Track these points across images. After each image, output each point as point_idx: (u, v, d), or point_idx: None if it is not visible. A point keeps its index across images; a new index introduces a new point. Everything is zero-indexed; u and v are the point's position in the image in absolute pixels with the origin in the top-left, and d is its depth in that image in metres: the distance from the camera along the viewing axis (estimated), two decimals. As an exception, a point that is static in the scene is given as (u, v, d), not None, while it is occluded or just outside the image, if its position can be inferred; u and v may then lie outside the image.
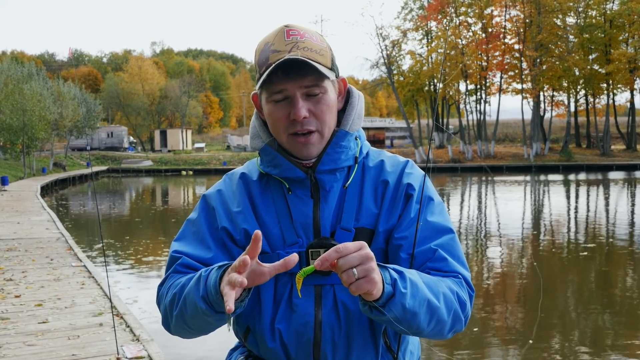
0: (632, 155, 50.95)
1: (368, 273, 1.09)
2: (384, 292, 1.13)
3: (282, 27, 1.34)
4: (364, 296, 1.12)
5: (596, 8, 52.35)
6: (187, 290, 1.29)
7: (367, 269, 1.09)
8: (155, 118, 76.34)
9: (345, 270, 1.08)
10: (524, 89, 52.12)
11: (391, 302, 1.15)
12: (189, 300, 1.27)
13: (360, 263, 1.09)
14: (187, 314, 1.30)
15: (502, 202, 23.71)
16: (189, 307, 1.28)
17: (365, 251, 1.10)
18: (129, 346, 5.02)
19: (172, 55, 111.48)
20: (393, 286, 1.15)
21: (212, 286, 1.20)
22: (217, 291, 1.18)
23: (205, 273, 1.25)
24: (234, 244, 1.39)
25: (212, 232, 1.41)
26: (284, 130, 1.35)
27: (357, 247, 1.10)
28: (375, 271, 1.10)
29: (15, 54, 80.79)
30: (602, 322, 7.63)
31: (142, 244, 14.08)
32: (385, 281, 1.14)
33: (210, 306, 1.22)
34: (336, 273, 1.11)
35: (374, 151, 1.49)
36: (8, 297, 6.91)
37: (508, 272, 10.66)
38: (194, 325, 1.32)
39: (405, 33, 55.90)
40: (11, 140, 36.31)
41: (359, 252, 1.09)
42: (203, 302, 1.23)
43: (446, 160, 49.75)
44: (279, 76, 1.30)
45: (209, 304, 1.22)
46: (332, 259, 1.09)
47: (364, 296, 1.13)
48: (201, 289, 1.23)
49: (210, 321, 1.27)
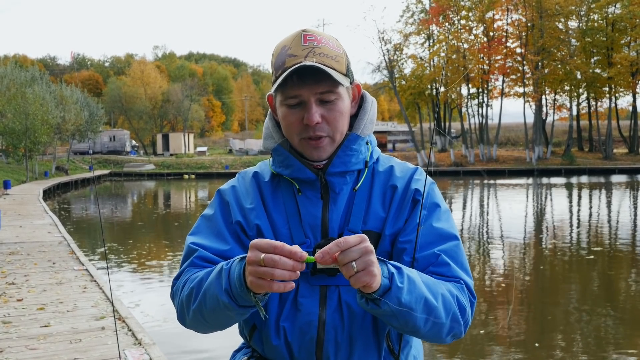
0: (634, 158, 50.85)
1: (367, 266, 1.11)
2: (381, 285, 1.15)
3: (300, 31, 1.36)
4: (363, 289, 1.14)
5: (598, 12, 52.33)
6: (207, 284, 1.29)
7: (367, 262, 1.11)
8: (158, 122, 76.51)
9: (346, 263, 1.11)
10: (526, 93, 52.15)
11: (387, 296, 1.16)
12: (210, 295, 1.28)
13: (360, 256, 1.11)
14: (206, 309, 1.30)
15: (505, 206, 23.68)
16: (208, 302, 1.28)
17: (365, 244, 1.12)
18: (131, 350, 5.02)
19: (174, 59, 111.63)
20: (390, 280, 1.17)
21: (237, 279, 1.20)
22: (242, 283, 1.19)
23: (226, 267, 1.26)
24: (248, 239, 1.41)
25: (228, 226, 1.44)
26: (297, 134, 1.38)
27: (357, 241, 1.12)
28: (375, 264, 1.12)
29: (17, 58, 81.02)
30: (605, 325, 7.60)
31: (144, 248, 14.09)
32: (382, 274, 1.16)
33: (233, 299, 1.23)
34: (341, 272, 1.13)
35: (384, 157, 1.52)
36: (10, 301, 6.92)
37: (509, 275, 10.63)
38: (213, 319, 1.32)
39: (407, 37, 55.97)
40: (14, 144, 36.42)
41: (358, 246, 1.11)
42: (226, 296, 1.23)
43: (448, 164, 49.76)
44: (294, 81, 1.31)
45: (232, 297, 1.22)
46: (333, 252, 1.11)
47: (362, 289, 1.14)
48: (224, 283, 1.24)
49: (232, 315, 1.27)
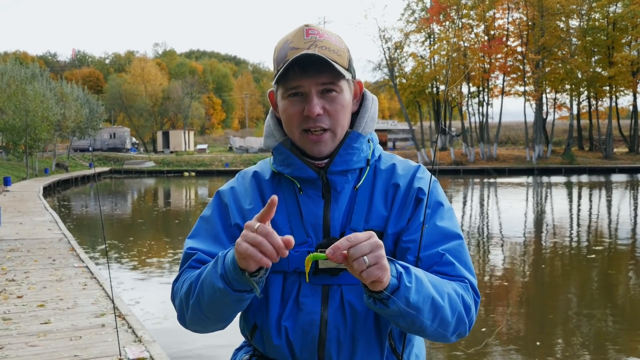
0: (634, 158, 50.86)
1: (379, 260, 1.11)
2: (389, 284, 1.15)
3: (303, 26, 1.36)
4: (373, 285, 1.14)
5: (599, 11, 52.29)
6: (205, 275, 1.29)
7: (378, 257, 1.11)
8: (158, 119, 76.45)
9: (357, 258, 1.10)
10: (526, 92, 52.13)
11: (395, 295, 1.16)
12: (207, 284, 1.28)
13: (371, 251, 1.11)
14: (204, 300, 1.30)
15: (505, 204, 23.68)
16: (206, 291, 1.28)
17: (374, 239, 1.12)
18: (131, 347, 5.02)
19: (174, 56, 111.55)
20: (398, 279, 1.17)
21: (231, 262, 1.20)
22: (236, 267, 1.19)
23: (222, 254, 1.26)
24: None
25: (225, 229, 1.43)
26: (297, 126, 1.36)
27: (367, 236, 1.12)
28: (385, 259, 1.13)
29: (18, 55, 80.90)
30: (605, 324, 7.61)
31: (144, 245, 14.09)
32: (391, 274, 1.16)
33: (228, 284, 1.22)
34: (347, 269, 1.13)
35: (386, 155, 1.51)
36: (10, 298, 6.92)
37: (509, 274, 10.64)
38: (211, 312, 1.31)
39: (408, 35, 55.95)
40: (14, 140, 36.43)
41: (369, 241, 1.12)
42: (221, 281, 1.23)
43: (448, 163, 49.75)
44: (296, 72, 1.31)
45: (227, 281, 1.22)
46: (344, 248, 1.11)
47: (372, 286, 1.14)
48: (219, 268, 1.24)
49: (228, 302, 1.26)
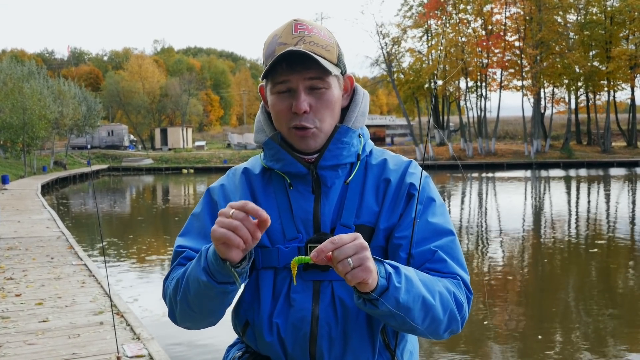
0: (632, 152, 50.96)
1: (363, 262, 1.10)
2: (378, 285, 1.15)
3: (292, 21, 1.35)
4: (360, 287, 1.13)
5: (597, 5, 52.31)
6: (190, 270, 1.29)
7: (362, 258, 1.10)
8: (156, 116, 76.37)
9: (341, 260, 1.10)
10: (524, 86, 52.13)
11: (385, 296, 1.16)
12: (192, 279, 1.27)
13: (355, 252, 1.10)
14: (190, 295, 1.29)
15: (503, 199, 23.69)
16: (192, 286, 1.28)
17: (359, 241, 1.11)
18: (130, 345, 5.03)
19: (172, 53, 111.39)
20: (387, 280, 1.16)
21: (212, 254, 1.20)
22: (217, 257, 1.18)
23: (205, 248, 1.26)
24: None
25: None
26: (286, 122, 1.36)
27: (351, 238, 1.11)
28: (370, 260, 1.12)
29: (15, 52, 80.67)
30: (604, 319, 7.62)
31: (143, 243, 14.07)
32: (379, 274, 1.15)
33: (211, 276, 1.22)
34: (333, 267, 1.12)
35: (377, 150, 1.50)
36: (8, 296, 6.92)
37: (508, 268, 10.65)
38: (198, 307, 1.31)
39: (405, 30, 55.89)
40: (12, 139, 36.33)
41: (353, 242, 1.11)
42: (204, 274, 1.22)
43: (447, 158, 49.78)
44: (283, 67, 1.31)
45: (210, 274, 1.22)
46: (328, 250, 1.10)
47: (359, 287, 1.13)
48: (202, 262, 1.24)
49: (212, 295, 1.26)
